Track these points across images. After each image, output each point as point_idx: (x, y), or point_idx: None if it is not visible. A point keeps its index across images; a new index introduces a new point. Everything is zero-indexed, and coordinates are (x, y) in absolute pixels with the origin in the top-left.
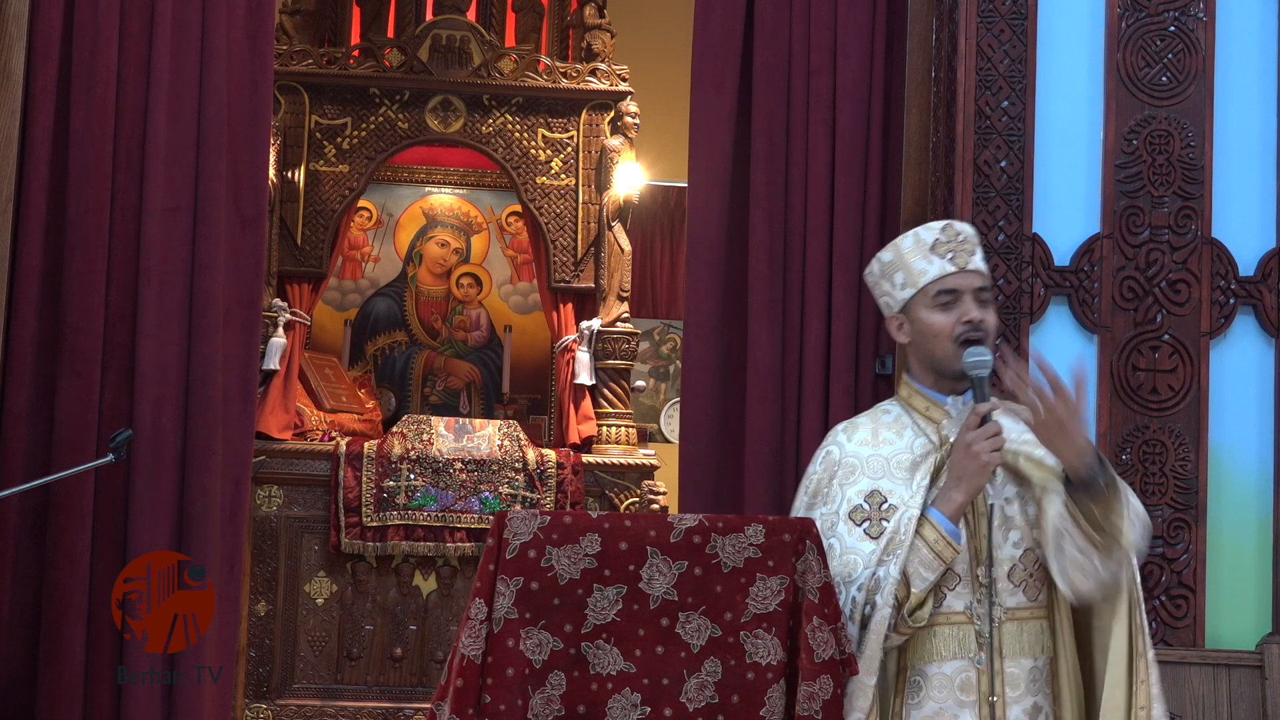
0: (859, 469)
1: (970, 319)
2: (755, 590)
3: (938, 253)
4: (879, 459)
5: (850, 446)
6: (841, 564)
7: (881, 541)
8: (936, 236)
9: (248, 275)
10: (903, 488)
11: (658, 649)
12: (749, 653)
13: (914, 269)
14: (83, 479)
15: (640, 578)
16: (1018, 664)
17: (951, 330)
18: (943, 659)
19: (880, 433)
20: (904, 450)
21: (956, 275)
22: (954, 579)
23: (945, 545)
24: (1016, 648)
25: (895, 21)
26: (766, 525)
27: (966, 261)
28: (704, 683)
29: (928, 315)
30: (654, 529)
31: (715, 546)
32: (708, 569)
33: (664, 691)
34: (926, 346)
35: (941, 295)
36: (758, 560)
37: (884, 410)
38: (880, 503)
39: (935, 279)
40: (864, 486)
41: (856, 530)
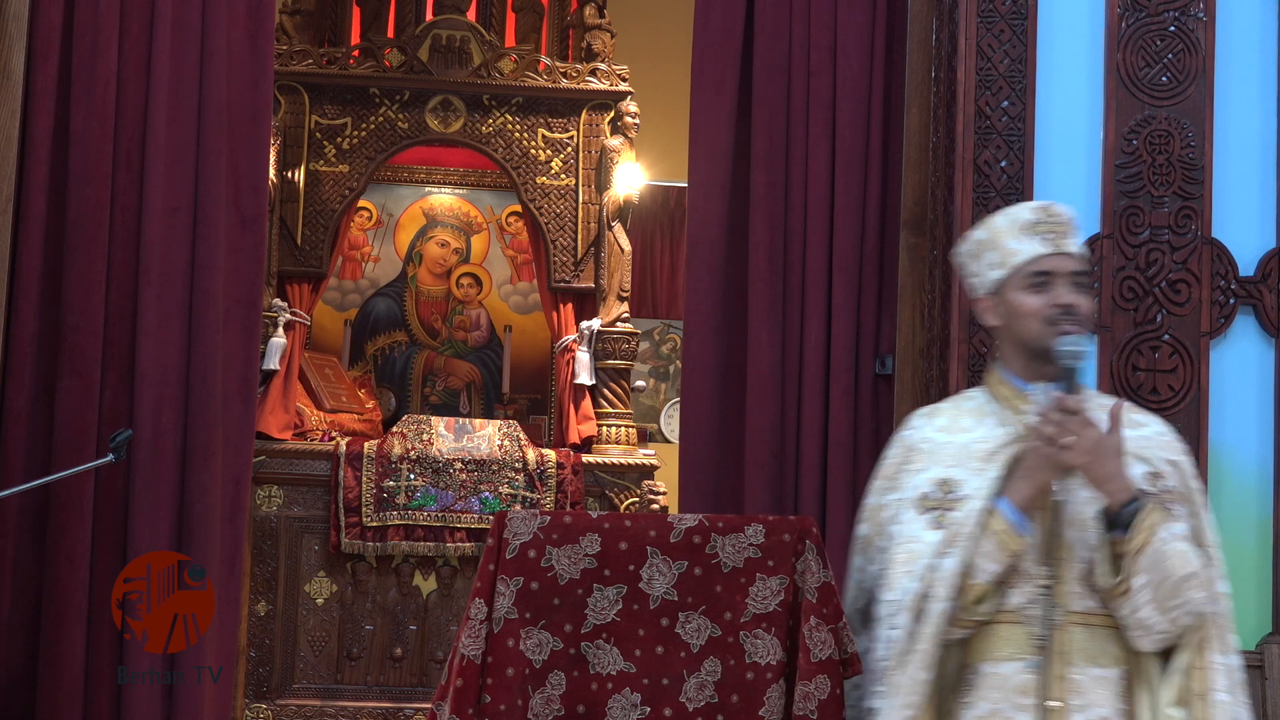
0: (933, 455)
1: (1063, 302)
2: (755, 590)
3: (1033, 233)
4: (955, 446)
5: (927, 431)
6: (904, 551)
7: (948, 531)
8: (1033, 216)
9: (248, 275)
10: (976, 477)
11: (658, 649)
12: (749, 653)
13: (1007, 248)
14: (83, 479)
15: (640, 578)
16: (1085, 671)
17: (1042, 312)
18: (999, 658)
19: (960, 419)
20: (983, 439)
21: (1052, 257)
22: (1018, 575)
23: (1010, 536)
24: (1085, 654)
25: (895, 21)
26: (766, 525)
27: (1063, 244)
28: (704, 683)
29: (1019, 297)
30: (654, 529)
31: (715, 546)
32: (708, 569)
33: (664, 691)
34: (1016, 328)
35: (1035, 277)
36: (757, 560)
37: (968, 397)
38: (950, 491)
39: (1029, 259)
40: (935, 474)
41: (923, 518)
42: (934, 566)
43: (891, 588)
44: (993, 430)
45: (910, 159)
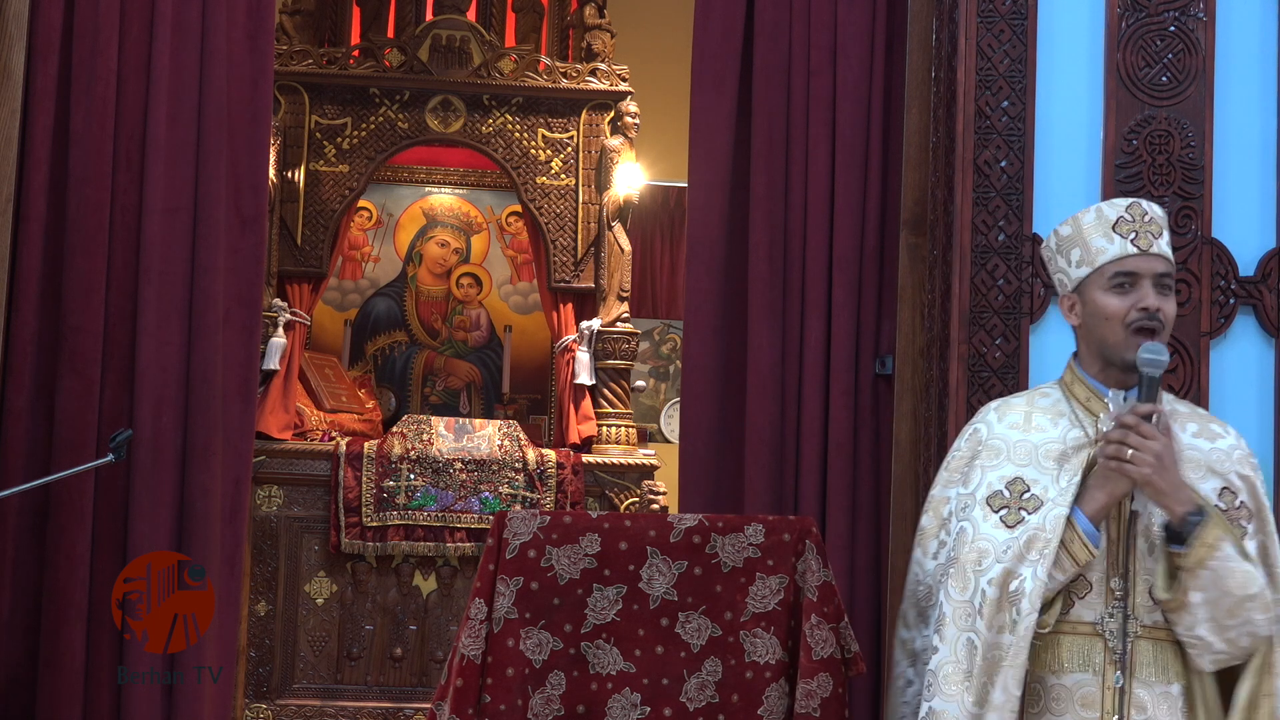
0: (1004, 452)
1: (1147, 305)
2: (755, 590)
3: (1120, 231)
4: (1027, 445)
5: (999, 428)
6: (973, 550)
7: (1020, 535)
8: (1121, 214)
9: (248, 275)
10: (1048, 479)
11: (658, 649)
12: (748, 652)
13: (1092, 246)
14: (83, 479)
15: (640, 578)
16: (1149, 688)
17: (1125, 315)
18: (1064, 670)
19: (1034, 417)
20: (1056, 440)
21: (1138, 257)
22: (1085, 586)
23: (1081, 547)
24: (1150, 670)
25: (895, 21)
26: (766, 525)
27: (1151, 244)
28: (704, 682)
29: (1101, 297)
30: (654, 529)
31: (715, 546)
32: (708, 569)
33: (664, 691)
34: (1097, 331)
35: (1119, 277)
36: (757, 560)
37: (1043, 393)
38: (1022, 491)
39: (1114, 259)
40: (1007, 472)
41: (993, 517)
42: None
43: (963, 586)
44: (1067, 431)
45: (910, 159)
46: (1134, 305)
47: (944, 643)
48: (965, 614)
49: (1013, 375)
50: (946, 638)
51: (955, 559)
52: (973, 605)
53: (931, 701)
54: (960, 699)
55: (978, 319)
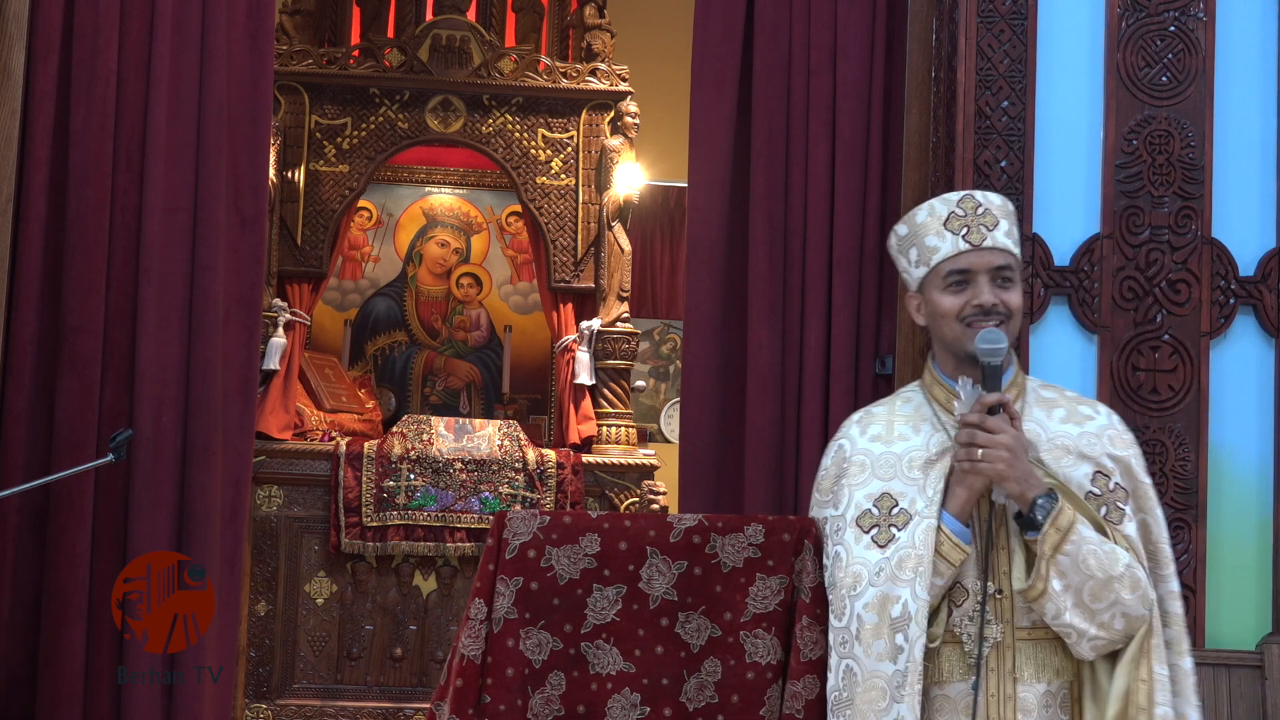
0: (869, 468)
1: (980, 303)
2: (755, 590)
3: (951, 228)
4: (890, 457)
5: (862, 442)
6: (847, 574)
7: (892, 555)
8: (952, 209)
9: (248, 275)
10: (914, 490)
11: (657, 649)
12: (749, 652)
13: (926, 245)
14: (83, 479)
15: (640, 578)
16: (1031, 688)
17: (959, 313)
18: (945, 680)
19: (895, 426)
20: (919, 447)
21: (970, 254)
22: (961, 594)
23: (952, 547)
24: (1031, 671)
25: (895, 21)
26: (766, 525)
27: (984, 238)
28: (704, 683)
29: (938, 297)
30: (654, 529)
31: (715, 546)
32: (707, 569)
33: (664, 691)
34: (939, 329)
35: (953, 275)
36: (757, 560)
37: (904, 399)
38: (890, 507)
39: (947, 257)
40: (873, 489)
41: (864, 538)
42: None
43: (840, 612)
44: (930, 437)
45: (910, 159)
46: (968, 302)
47: (831, 672)
48: (843, 640)
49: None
50: (832, 666)
51: (833, 584)
52: (849, 631)
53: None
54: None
55: None
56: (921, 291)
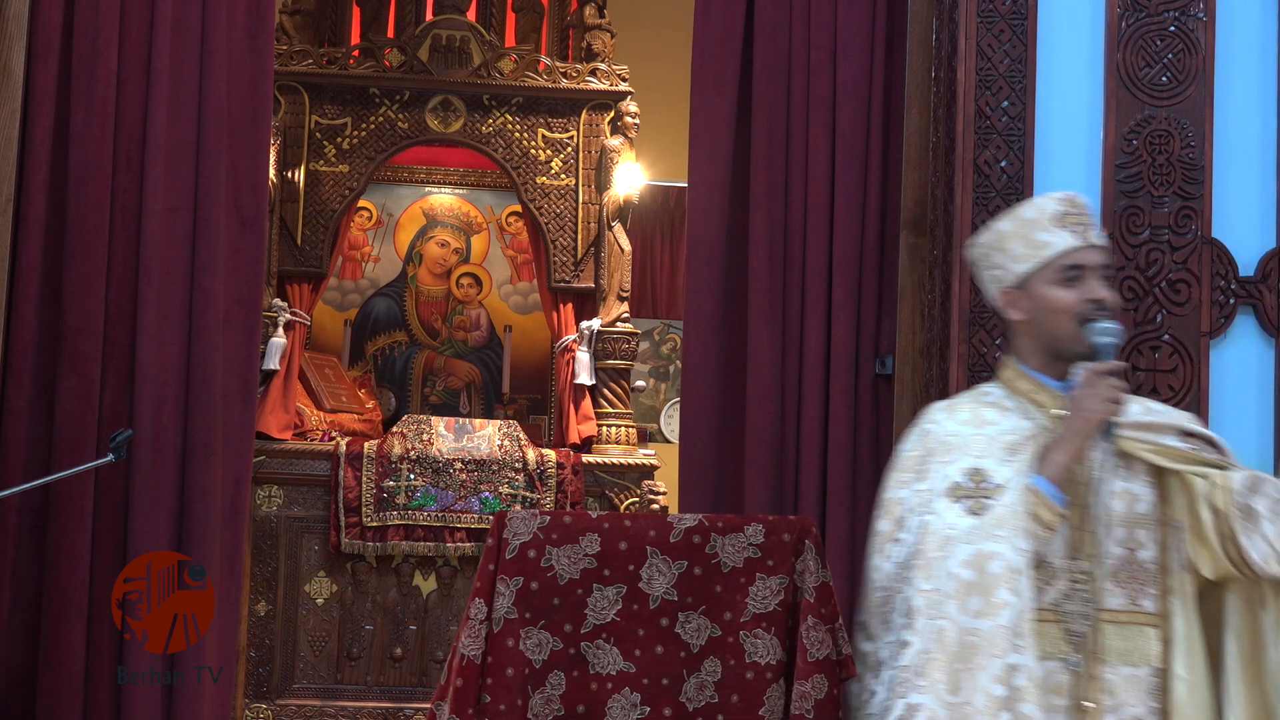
0: (959, 447)
1: (1097, 297)
2: (755, 590)
3: (1064, 225)
4: (982, 438)
5: (950, 425)
6: (936, 538)
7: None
8: (1061, 208)
9: (248, 275)
10: (1007, 468)
11: (657, 649)
12: (749, 652)
13: (1036, 240)
14: (83, 479)
15: (640, 578)
16: (1116, 670)
17: (1076, 308)
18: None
19: (982, 412)
20: (1009, 430)
21: (1085, 250)
22: (1049, 570)
23: (1045, 508)
24: (1116, 652)
25: (895, 21)
26: (766, 525)
27: (1091, 235)
28: (704, 683)
29: (1050, 291)
30: (654, 529)
31: (715, 546)
32: (707, 569)
33: (664, 691)
34: (1047, 324)
35: (1068, 270)
36: (757, 560)
37: (984, 392)
38: (981, 480)
39: (1062, 252)
40: (966, 464)
41: (956, 506)
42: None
43: (928, 575)
44: (1018, 422)
45: (910, 159)
46: (1084, 297)
47: (917, 636)
48: (934, 601)
49: None
50: (919, 629)
51: (919, 551)
52: (941, 591)
53: (908, 697)
54: (934, 689)
55: (978, 319)
56: (1023, 287)
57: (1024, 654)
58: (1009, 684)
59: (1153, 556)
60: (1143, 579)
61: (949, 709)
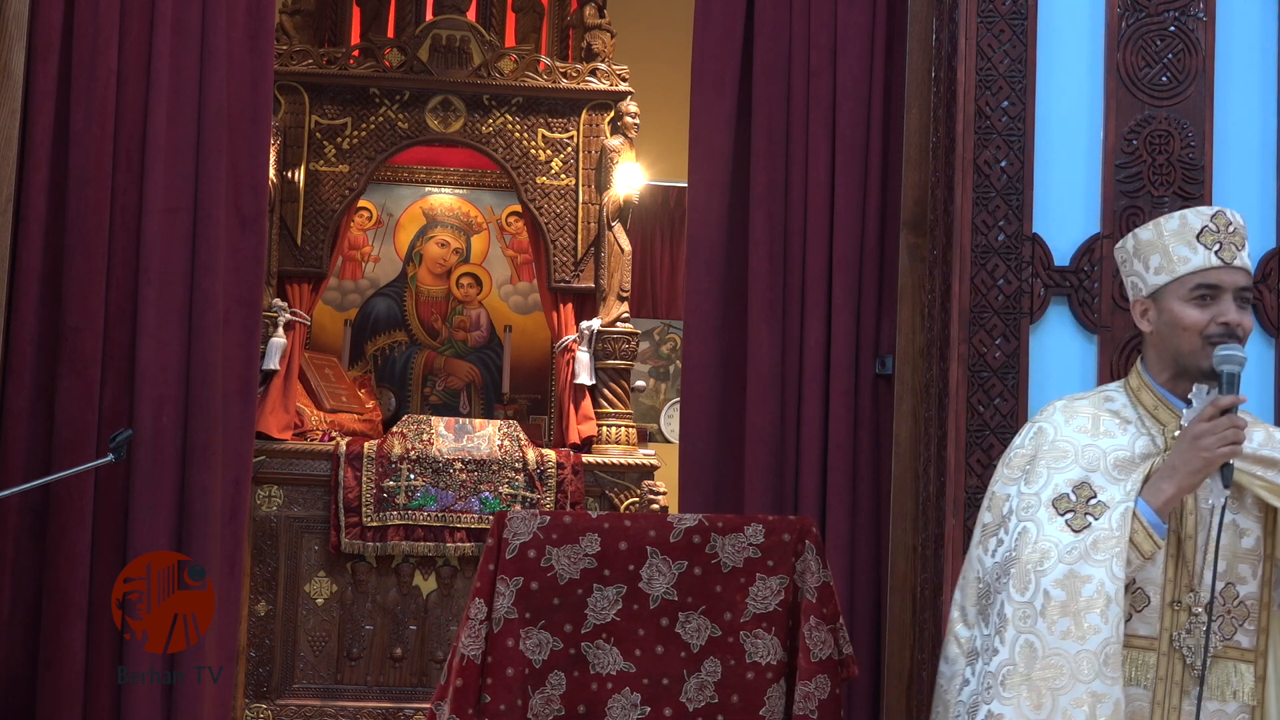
0: (1071, 456)
1: (1227, 320)
2: (755, 590)
3: (1204, 241)
4: (1095, 450)
5: (1066, 430)
6: (1035, 550)
7: (1086, 538)
8: (1206, 223)
9: (248, 275)
10: (1115, 487)
11: (658, 649)
12: (749, 653)
13: (1174, 254)
14: (83, 479)
15: (640, 578)
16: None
17: (1204, 328)
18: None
19: (1102, 421)
20: (1123, 447)
21: (1221, 270)
22: (1143, 600)
23: (1145, 537)
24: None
25: (895, 21)
26: (766, 525)
27: (1234, 256)
28: (704, 683)
29: (1180, 307)
30: (654, 529)
31: (715, 546)
32: (707, 569)
33: (664, 691)
34: (1172, 340)
35: (1201, 289)
36: (757, 560)
37: (1107, 396)
38: (1089, 497)
39: (1196, 270)
40: (1074, 475)
41: (1059, 519)
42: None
43: (1023, 587)
44: (1135, 439)
45: (910, 159)
46: (1214, 319)
47: (1004, 645)
48: (1025, 615)
49: (1013, 375)
50: (1007, 640)
51: (1016, 559)
52: (1033, 607)
53: (990, 705)
54: (1017, 703)
55: (978, 319)
56: (1155, 299)
57: (1109, 684)
58: (1091, 711)
59: (1252, 592)
60: (1240, 615)
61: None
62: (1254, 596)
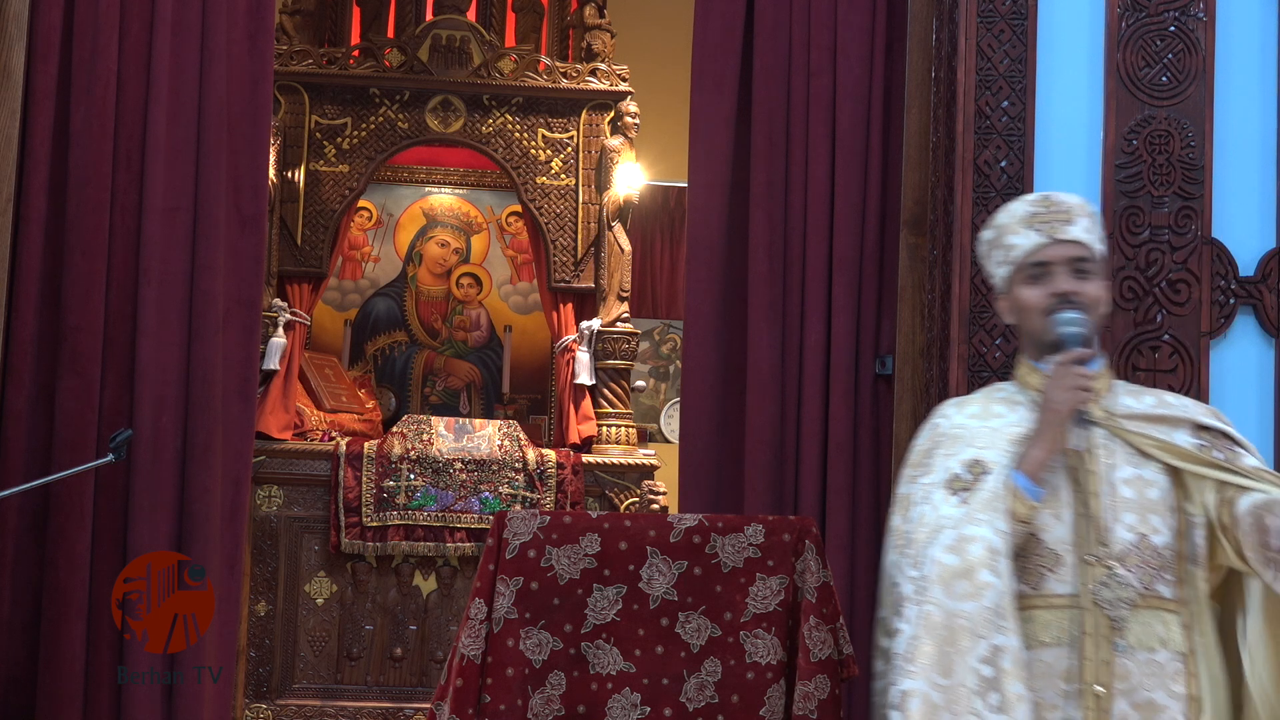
0: (964, 439)
1: (1058, 290)
2: (755, 590)
3: (1031, 225)
4: (987, 430)
5: (959, 418)
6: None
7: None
8: (1030, 209)
9: (248, 275)
10: (1006, 459)
11: (657, 649)
12: (749, 653)
13: (1009, 244)
14: (83, 479)
15: (640, 578)
16: (1131, 656)
17: (1042, 303)
18: (1042, 644)
19: (992, 407)
20: (1015, 423)
21: (1049, 246)
22: (1054, 559)
23: (1018, 501)
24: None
25: (895, 22)
26: (766, 525)
27: (1060, 231)
28: (704, 683)
29: (1021, 291)
30: (654, 529)
31: (715, 546)
32: (707, 569)
33: (664, 691)
34: (1026, 323)
35: (1033, 268)
36: (757, 560)
37: (997, 389)
38: (981, 471)
39: (1027, 252)
40: (967, 455)
41: (952, 499)
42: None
43: (917, 561)
44: (1026, 415)
45: (910, 159)
46: (1049, 292)
47: (908, 622)
48: (920, 588)
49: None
50: (909, 616)
51: (911, 540)
52: (927, 578)
53: (900, 684)
54: (926, 673)
55: (978, 319)
56: (1008, 291)
57: (1008, 635)
58: (995, 664)
59: (1167, 542)
60: (1157, 564)
61: (941, 691)
62: (1170, 547)
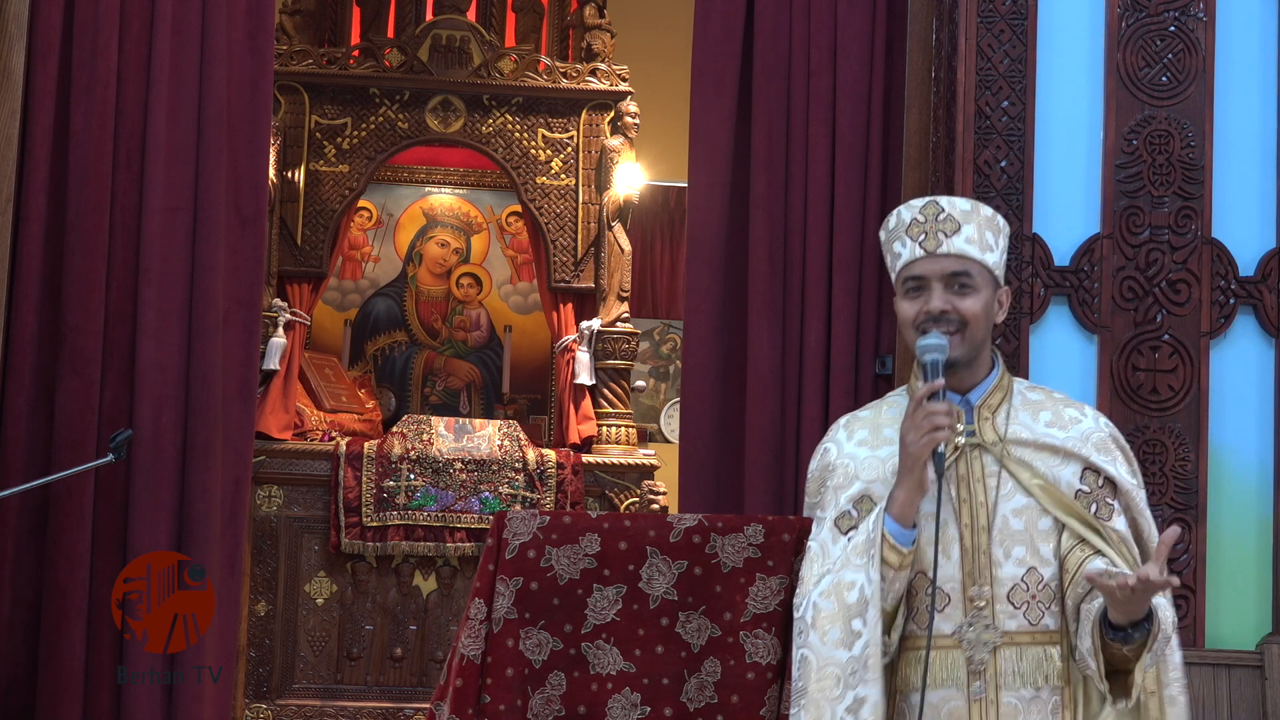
0: (853, 471)
1: (929, 309)
2: (755, 590)
3: (911, 234)
4: (875, 461)
5: (848, 447)
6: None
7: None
8: (915, 216)
9: (248, 275)
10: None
11: (658, 649)
12: (749, 653)
13: (893, 252)
14: (83, 479)
15: (640, 578)
16: (1015, 694)
17: (915, 320)
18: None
19: (882, 429)
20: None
21: (924, 260)
22: (943, 598)
23: (890, 548)
24: (1014, 676)
25: (895, 22)
26: (766, 525)
27: (939, 244)
28: (704, 683)
29: (899, 304)
30: (654, 529)
31: (715, 546)
32: (707, 569)
33: (664, 691)
34: (904, 336)
35: (909, 282)
36: (757, 560)
37: (890, 404)
38: (869, 509)
39: (905, 264)
40: (855, 491)
41: (841, 539)
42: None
43: (799, 606)
44: None
45: (910, 159)
46: (921, 309)
47: (794, 664)
48: (800, 630)
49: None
50: (794, 659)
51: (802, 579)
52: (805, 621)
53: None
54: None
55: None
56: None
57: (869, 686)
58: (857, 715)
59: (1054, 574)
60: (1045, 598)
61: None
62: (1056, 578)
